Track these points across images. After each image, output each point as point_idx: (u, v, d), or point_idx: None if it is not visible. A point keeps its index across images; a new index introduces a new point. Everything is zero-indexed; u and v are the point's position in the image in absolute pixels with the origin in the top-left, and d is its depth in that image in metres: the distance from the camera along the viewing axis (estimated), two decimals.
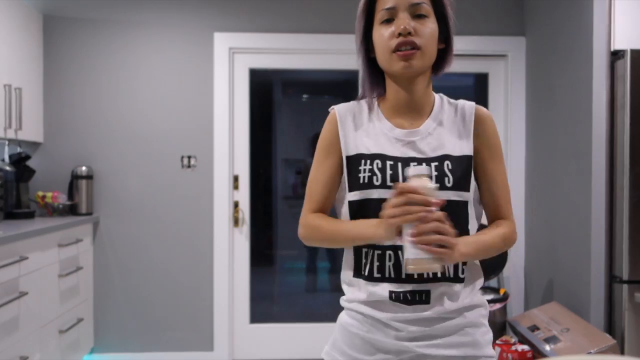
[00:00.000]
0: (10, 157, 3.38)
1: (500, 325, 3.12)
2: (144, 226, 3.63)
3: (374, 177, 1.23)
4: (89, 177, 3.54)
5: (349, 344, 1.28)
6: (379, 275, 1.23)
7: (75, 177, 3.51)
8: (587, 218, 2.85)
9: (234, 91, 3.72)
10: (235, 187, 3.74)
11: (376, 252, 1.23)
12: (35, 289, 2.73)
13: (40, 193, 3.42)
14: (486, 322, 1.30)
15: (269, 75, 3.98)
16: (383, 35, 1.24)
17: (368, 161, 1.25)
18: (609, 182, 2.80)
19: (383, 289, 1.22)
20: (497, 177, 1.31)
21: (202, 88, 3.66)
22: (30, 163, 3.48)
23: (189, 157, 3.65)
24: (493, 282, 3.55)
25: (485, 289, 3.32)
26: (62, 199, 3.44)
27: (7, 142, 3.41)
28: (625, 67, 2.69)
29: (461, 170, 1.24)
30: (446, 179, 1.22)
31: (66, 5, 3.60)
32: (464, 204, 1.23)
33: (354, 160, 1.27)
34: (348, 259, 1.30)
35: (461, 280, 1.25)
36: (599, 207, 2.80)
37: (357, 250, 1.26)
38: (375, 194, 1.22)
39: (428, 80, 1.31)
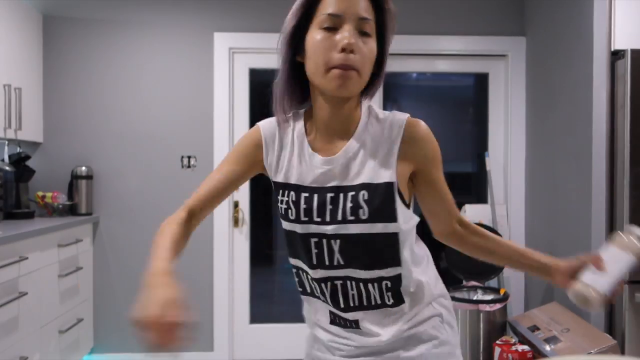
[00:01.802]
0: (10, 157, 3.37)
1: (500, 325, 3.12)
2: (144, 226, 3.62)
3: (289, 211, 1.16)
4: (88, 177, 3.54)
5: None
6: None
7: (75, 177, 3.51)
8: (587, 218, 2.85)
9: (233, 91, 3.72)
10: None
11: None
12: (35, 289, 2.73)
13: (40, 193, 3.42)
14: (439, 332, 1.23)
15: (269, 75, 3.98)
16: (321, 44, 1.07)
17: (286, 192, 1.17)
18: (609, 182, 2.80)
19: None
20: (443, 186, 1.21)
21: (202, 88, 3.66)
22: (30, 163, 3.48)
23: (189, 157, 3.65)
24: (493, 282, 3.55)
25: (485, 289, 3.32)
26: (62, 199, 3.43)
27: (7, 142, 3.41)
28: (626, 67, 2.69)
29: (380, 200, 1.11)
30: (360, 210, 1.10)
31: (66, 5, 3.60)
32: (391, 235, 1.12)
33: (277, 188, 1.20)
34: None
35: (392, 306, 1.18)
36: (599, 207, 2.80)
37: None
38: (290, 227, 1.17)
39: (357, 101, 1.17)
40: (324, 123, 1.17)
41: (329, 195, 1.13)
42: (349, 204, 1.11)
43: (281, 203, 1.18)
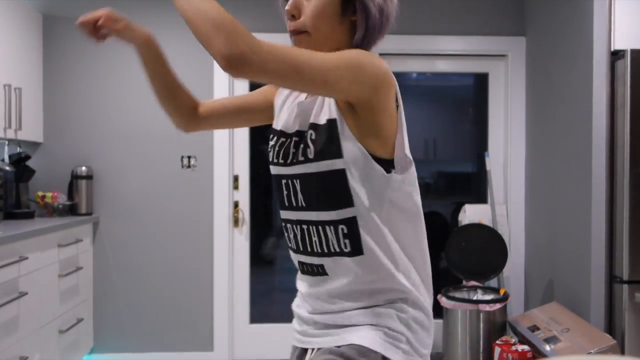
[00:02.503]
0: (10, 157, 3.37)
1: (500, 325, 3.12)
2: (144, 226, 3.62)
3: (270, 154, 1.24)
4: (88, 177, 3.54)
5: None
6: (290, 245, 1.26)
7: (75, 177, 3.51)
8: (587, 218, 2.85)
9: (234, 91, 3.72)
10: (235, 187, 3.74)
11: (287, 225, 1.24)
12: (35, 289, 2.73)
13: (40, 193, 3.42)
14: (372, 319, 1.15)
15: None
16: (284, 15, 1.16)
17: (272, 136, 1.25)
18: (609, 182, 2.80)
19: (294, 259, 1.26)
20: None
21: (202, 88, 3.66)
22: (30, 163, 3.48)
23: (189, 157, 3.65)
24: (493, 282, 3.55)
25: (485, 289, 3.32)
26: (62, 199, 3.43)
27: (7, 142, 3.41)
28: (626, 67, 2.69)
29: (324, 138, 1.11)
30: (308, 150, 1.12)
31: (66, 5, 3.60)
32: (339, 172, 1.10)
33: (269, 134, 1.27)
34: None
35: (350, 254, 1.13)
36: (599, 207, 2.80)
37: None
38: (271, 170, 1.24)
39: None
40: None
41: (294, 139, 1.17)
42: (300, 146, 1.15)
43: (269, 147, 1.24)
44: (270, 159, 1.22)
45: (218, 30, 0.92)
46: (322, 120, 1.12)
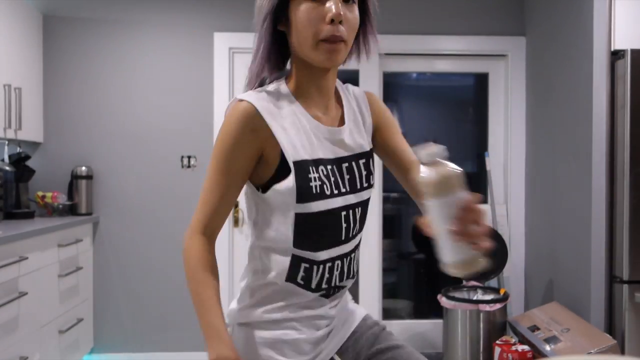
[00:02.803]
0: (10, 157, 3.37)
1: (500, 325, 3.12)
2: (144, 226, 3.62)
3: (324, 187, 1.10)
4: (88, 177, 3.54)
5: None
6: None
7: (75, 177, 3.51)
8: (587, 218, 2.85)
9: (234, 91, 3.72)
10: None
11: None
12: (35, 289, 2.73)
13: (40, 193, 3.42)
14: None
15: None
16: (308, 15, 1.04)
17: (313, 168, 1.09)
18: (609, 182, 2.80)
19: None
20: (404, 144, 1.25)
21: (202, 88, 3.66)
22: (30, 163, 3.48)
23: (189, 157, 3.65)
24: (493, 282, 3.55)
25: (485, 289, 3.32)
26: (62, 199, 3.43)
27: (7, 142, 3.40)
28: (626, 67, 2.69)
29: (371, 166, 1.21)
30: (371, 177, 1.19)
31: (66, 5, 3.60)
32: (368, 200, 1.21)
33: (302, 166, 1.09)
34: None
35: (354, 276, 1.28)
36: (599, 207, 2.80)
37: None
38: (324, 205, 1.11)
39: (335, 71, 1.18)
40: (311, 91, 1.15)
41: (344, 165, 1.14)
42: (363, 172, 1.16)
43: (314, 181, 1.08)
44: (329, 192, 1.11)
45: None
46: (366, 148, 1.19)
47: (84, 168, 3.53)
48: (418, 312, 4.14)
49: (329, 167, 1.11)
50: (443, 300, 3.19)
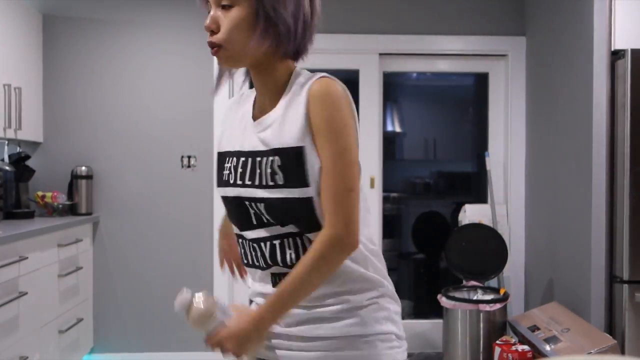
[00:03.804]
0: (10, 157, 3.37)
1: (500, 325, 3.12)
2: (144, 226, 3.62)
3: (230, 176, 1.22)
4: (88, 177, 3.54)
5: None
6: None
7: (75, 177, 3.51)
8: (587, 218, 2.85)
9: (233, 91, 3.72)
10: None
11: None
12: (35, 289, 2.73)
13: (40, 193, 3.41)
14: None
15: None
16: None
17: (231, 159, 1.23)
18: (609, 182, 2.80)
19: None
20: (326, 165, 1.11)
21: (202, 88, 3.66)
22: (30, 163, 3.48)
23: (189, 157, 3.65)
24: (493, 282, 3.55)
25: (485, 289, 3.32)
26: (62, 199, 3.43)
27: (6, 142, 3.40)
28: (626, 66, 2.69)
29: (291, 164, 1.11)
30: (277, 176, 1.13)
31: (66, 5, 3.60)
32: (305, 200, 1.11)
33: (221, 157, 1.27)
34: None
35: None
36: (599, 207, 2.80)
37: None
38: (223, 192, 1.24)
39: (275, 67, 1.19)
40: (257, 92, 1.25)
41: (257, 159, 1.17)
42: (267, 169, 1.14)
43: (225, 170, 1.22)
44: (232, 181, 1.21)
45: (327, 266, 1.12)
46: (290, 144, 1.12)
47: (84, 168, 3.53)
48: (418, 312, 4.15)
49: (242, 159, 1.20)
50: (443, 300, 3.19)
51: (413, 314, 4.14)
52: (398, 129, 4.41)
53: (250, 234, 1.21)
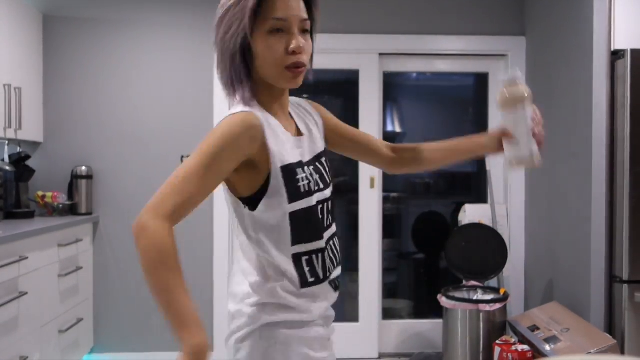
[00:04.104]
0: (10, 157, 3.37)
1: (500, 325, 3.12)
2: None
3: (311, 185, 1.25)
4: (88, 177, 3.54)
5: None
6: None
7: (75, 177, 3.51)
8: (587, 218, 2.85)
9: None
10: None
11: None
12: (35, 289, 2.73)
13: (40, 193, 3.42)
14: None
15: None
16: (273, 48, 1.19)
17: (299, 169, 1.24)
18: (609, 182, 2.80)
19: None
20: (355, 129, 1.48)
21: (202, 88, 3.66)
22: (30, 163, 3.48)
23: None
24: (493, 282, 3.55)
25: (485, 289, 3.32)
26: (62, 199, 3.43)
27: (7, 142, 3.41)
28: (626, 67, 2.69)
29: (330, 163, 1.36)
30: (331, 171, 1.34)
31: (66, 5, 3.60)
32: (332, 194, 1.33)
33: (290, 168, 1.22)
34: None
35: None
36: (599, 207, 2.80)
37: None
38: (307, 203, 1.24)
39: None
40: (274, 108, 1.29)
41: (322, 159, 1.33)
42: (328, 169, 1.33)
43: (301, 181, 1.22)
44: (309, 190, 1.24)
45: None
46: (323, 148, 1.36)
47: (84, 168, 3.53)
48: (418, 312, 4.14)
49: (311, 167, 1.28)
50: (443, 300, 3.19)
51: (413, 314, 4.14)
52: (398, 129, 4.41)
53: (326, 235, 1.29)
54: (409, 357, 3.63)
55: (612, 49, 2.78)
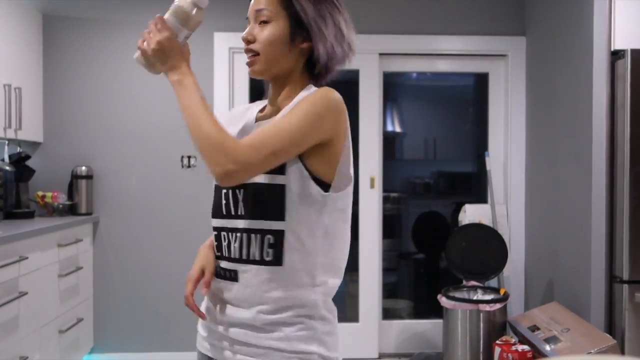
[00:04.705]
0: (10, 157, 3.37)
1: (500, 325, 3.12)
2: (144, 226, 3.62)
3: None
4: (88, 177, 3.54)
5: None
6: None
7: (75, 177, 3.51)
8: (587, 218, 2.85)
9: (233, 91, 3.72)
10: None
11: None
12: (35, 289, 2.73)
13: (40, 193, 3.42)
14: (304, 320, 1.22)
15: None
16: None
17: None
18: (609, 182, 2.80)
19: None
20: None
21: (202, 87, 3.64)
22: (30, 163, 3.48)
23: (189, 157, 3.65)
24: (493, 282, 3.56)
25: (485, 289, 3.32)
26: (62, 199, 3.43)
27: (7, 142, 3.40)
28: (626, 66, 2.69)
29: None
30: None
31: (66, 5, 3.60)
32: (280, 187, 1.19)
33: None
34: None
35: (269, 263, 1.21)
36: (599, 207, 2.80)
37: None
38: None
39: (295, 82, 1.29)
40: (269, 102, 1.33)
41: None
42: None
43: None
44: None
45: (211, 150, 1.18)
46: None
47: (84, 168, 3.53)
48: (418, 312, 4.15)
49: None
50: (443, 300, 3.19)
51: (413, 314, 4.14)
52: (398, 129, 4.41)
53: (224, 222, 1.33)
54: (409, 357, 3.63)
55: (612, 49, 2.78)
